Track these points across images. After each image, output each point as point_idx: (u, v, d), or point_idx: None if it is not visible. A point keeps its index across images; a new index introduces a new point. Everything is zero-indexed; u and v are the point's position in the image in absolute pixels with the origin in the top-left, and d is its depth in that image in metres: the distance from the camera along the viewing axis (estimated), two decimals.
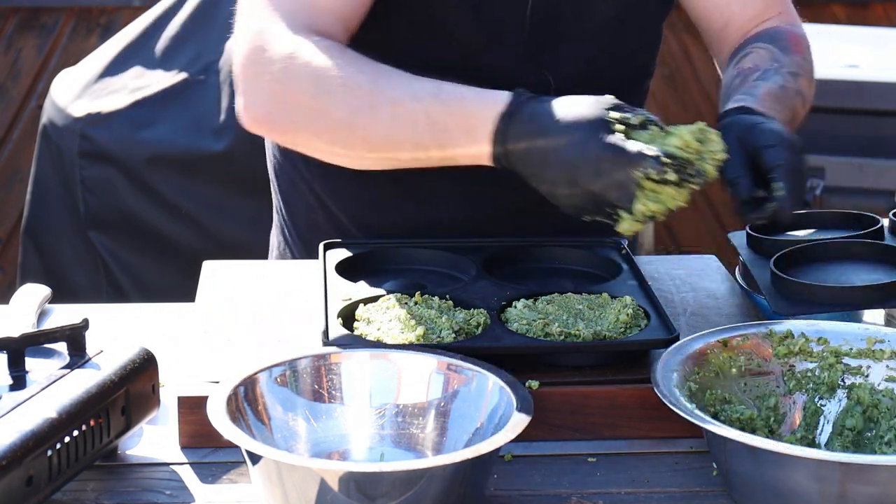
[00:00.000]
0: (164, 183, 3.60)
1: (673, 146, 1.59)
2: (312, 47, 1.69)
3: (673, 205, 1.59)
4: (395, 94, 1.67)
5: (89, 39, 4.58)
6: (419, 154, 1.69)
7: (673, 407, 1.41)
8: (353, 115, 1.68)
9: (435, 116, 1.65)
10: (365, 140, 1.69)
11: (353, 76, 1.67)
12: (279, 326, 1.73)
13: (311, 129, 1.71)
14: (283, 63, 1.69)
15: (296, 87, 1.69)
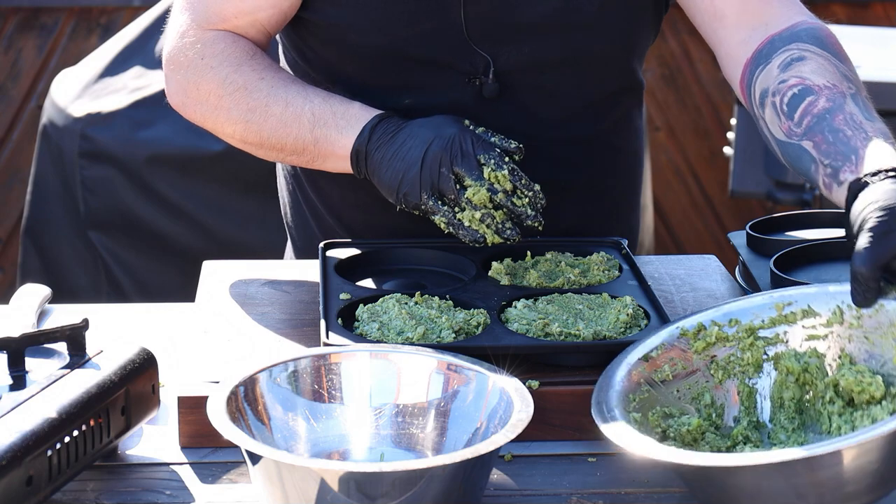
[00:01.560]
0: (164, 183, 3.60)
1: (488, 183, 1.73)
2: (221, 51, 1.89)
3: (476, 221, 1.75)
4: (288, 96, 1.86)
5: (89, 39, 4.58)
6: (298, 149, 1.87)
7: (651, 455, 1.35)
8: (250, 113, 1.87)
9: (318, 114, 1.84)
10: (258, 134, 1.88)
11: (254, 81, 1.88)
12: (279, 326, 1.73)
13: (216, 121, 1.91)
14: (194, 62, 1.90)
15: (204, 86, 1.89)
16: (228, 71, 1.88)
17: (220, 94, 1.88)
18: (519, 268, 1.83)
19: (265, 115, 1.86)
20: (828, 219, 1.94)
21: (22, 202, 4.11)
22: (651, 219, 4.21)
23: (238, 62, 1.88)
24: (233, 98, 1.87)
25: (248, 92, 1.87)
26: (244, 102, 1.87)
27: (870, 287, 1.43)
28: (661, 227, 4.81)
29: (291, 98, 1.85)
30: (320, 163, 1.86)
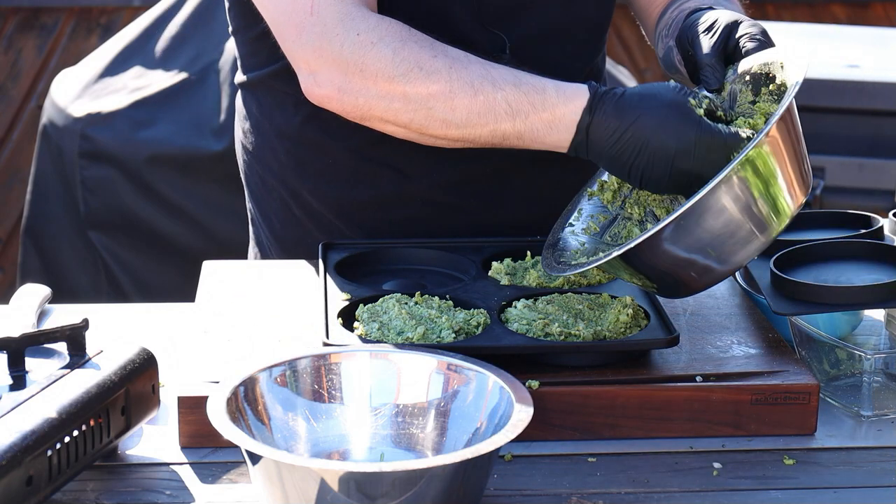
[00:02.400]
0: (164, 183, 3.60)
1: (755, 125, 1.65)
2: (376, 25, 1.71)
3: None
4: (473, 80, 1.69)
5: (89, 39, 4.58)
6: (496, 140, 1.72)
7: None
8: (432, 99, 1.69)
9: (516, 106, 1.68)
10: (445, 123, 1.70)
11: (428, 59, 1.69)
12: (279, 326, 1.73)
13: (388, 109, 1.71)
14: (350, 41, 1.70)
15: (371, 67, 1.69)
16: (396, 46, 1.68)
17: (392, 76, 1.68)
18: (519, 268, 1.83)
19: (451, 102, 1.68)
20: (828, 219, 1.94)
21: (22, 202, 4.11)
22: None
23: (401, 36, 1.70)
24: (407, 80, 1.68)
25: (424, 73, 1.68)
26: (423, 86, 1.68)
27: (717, 69, 1.72)
28: None
29: (478, 82, 1.68)
30: (525, 146, 1.72)
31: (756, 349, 1.67)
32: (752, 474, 1.51)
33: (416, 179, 1.96)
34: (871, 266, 1.76)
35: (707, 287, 1.63)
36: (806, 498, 1.47)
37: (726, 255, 1.58)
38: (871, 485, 1.49)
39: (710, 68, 1.74)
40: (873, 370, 1.63)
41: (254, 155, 2.06)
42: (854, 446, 1.57)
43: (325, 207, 2.00)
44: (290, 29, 1.74)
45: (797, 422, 1.58)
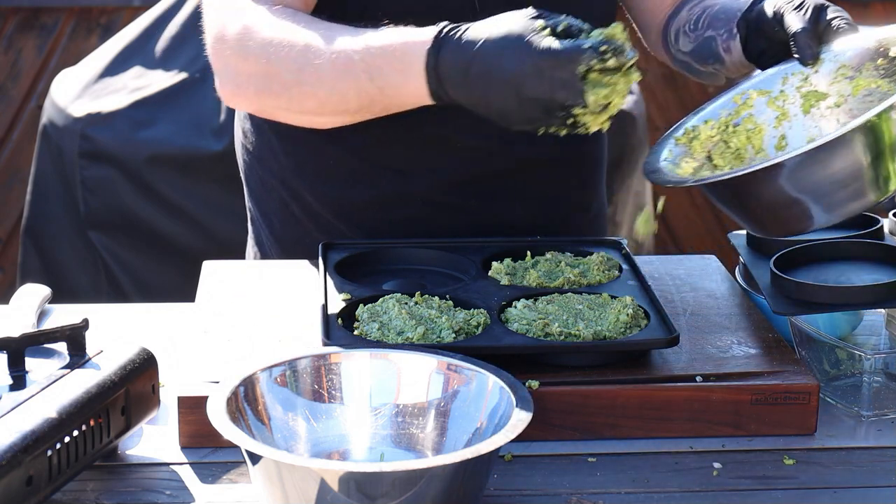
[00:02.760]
0: (164, 183, 3.60)
1: (603, 36, 1.61)
2: (265, 17, 1.75)
3: (623, 90, 1.61)
4: (332, 47, 1.70)
5: (89, 39, 4.58)
6: (365, 102, 1.72)
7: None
8: (300, 73, 1.71)
9: (370, 62, 1.68)
10: (314, 97, 1.73)
11: (294, 38, 1.71)
12: (279, 326, 1.73)
13: (271, 94, 1.76)
14: (238, 37, 1.75)
15: (252, 58, 1.74)
16: (267, 33, 1.73)
17: (268, 59, 1.73)
18: (519, 268, 1.83)
19: (316, 74, 1.71)
20: None
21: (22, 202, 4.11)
22: None
23: (271, 23, 1.74)
24: (279, 60, 1.72)
25: (293, 50, 1.71)
26: (291, 63, 1.71)
27: (812, 42, 1.75)
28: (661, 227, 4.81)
29: (337, 49, 1.70)
30: (397, 108, 1.74)
31: (756, 349, 1.67)
32: (752, 474, 1.51)
33: (416, 180, 1.96)
34: (871, 266, 1.76)
35: (799, 233, 1.65)
36: (806, 498, 1.47)
37: (833, 205, 1.59)
38: (871, 485, 1.49)
39: (806, 41, 1.76)
40: (873, 370, 1.63)
41: (254, 155, 2.07)
42: (854, 446, 1.57)
43: (324, 207, 2.00)
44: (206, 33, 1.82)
45: (797, 422, 1.58)
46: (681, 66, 2.06)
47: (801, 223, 1.62)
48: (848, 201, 1.59)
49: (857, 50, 1.76)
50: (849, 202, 1.59)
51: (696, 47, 1.98)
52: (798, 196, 1.58)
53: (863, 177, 1.58)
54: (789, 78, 1.81)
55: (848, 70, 1.76)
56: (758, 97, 1.82)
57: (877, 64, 1.74)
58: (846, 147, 1.55)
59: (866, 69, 1.76)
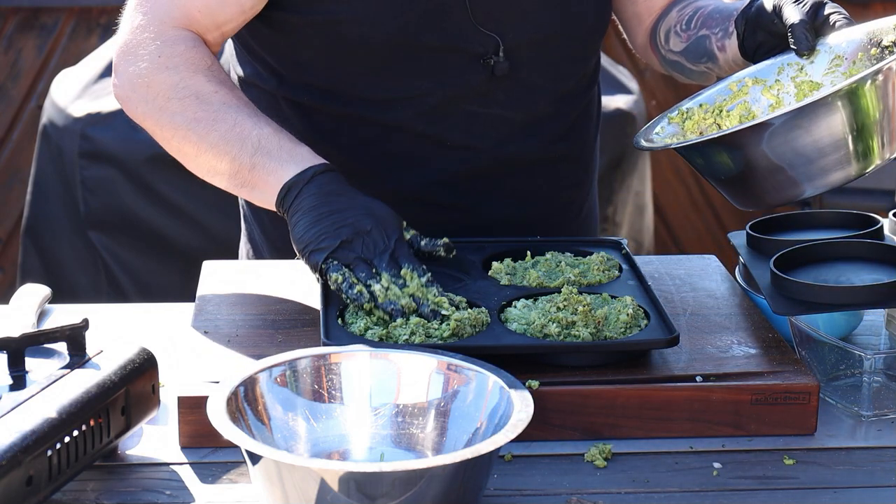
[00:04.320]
0: (164, 183, 3.60)
1: (379, 293, 1.66)
2: (181, 54, 1.85)
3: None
4: (239, 116, 1.81)
5: (89, 39, 4.58)
6: (233, 169, 1.80)
7: None
8: (195, 123, 1.82)
9: (266, 143, 1.78)
10: (196, 145, 1.83)
11: (208, 94, 1.82)
12: (279, 326, 1.73)
13: (158, 122, 1.86)
14: (150, 58, 1.85)
15: (155, 85, 1.85)
16: (184, 75, 1.83)
17: (169, 97, 1.83)
18: (519, 268, 1.83)
19: (210, 128, 1.81)
20: (828, 219, 1.94)
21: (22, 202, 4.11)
22: (651, 219, 4.21)
23: (195, 69, 1.84)
24: (181, 103, 1.83)
25: (198, 101, 1.82)
26: (191, 111, 1.82)
27: (810, 34, 1.80)
28: (661, 227, 4.81)
29: (241, 120, 1.80)
30: (245, 191, 1.81)
31: (756, 349, 1.67)
32: (752, 474, 1.51)
33: (409, 177, 1.97)
34: (871, 266, 1.76)
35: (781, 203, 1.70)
36: (806, 498, 1.47)
37: (813, 174, 1.65)
38: (871, 485, 1.49)
39: (803, 32, 1.80)
40: (873, 370, 1.63)
41: None
42: (854, 446, 1.57)
43: None
44: (120, 30, 1.91)
45: (797, 422, 1.58)
46: (670, 66, 2.08)
47: (782, 192, 1.67)
48: (829, 171, 1.64)
49: (852, 42, 1.79)
50: (830, 172, 1.64)
51: (688, 46, 2.01)
52: (779, 162, 1.63)
53: (844, 146, 1.63)
54: (785, 68, 1.85)
55: (842, 61, 1.79)
56: (753, 85, 1.86)
57: (870, 54, 1.77)
58: (828, 111, 1.60)
59: (859, 59, 1.78)
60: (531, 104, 1.98)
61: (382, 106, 1.93)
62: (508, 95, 1.95)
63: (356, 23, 1.87)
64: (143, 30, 1.87)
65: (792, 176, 1.66)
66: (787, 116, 1.61)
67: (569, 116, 2.04)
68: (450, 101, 1.93)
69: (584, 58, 2.05)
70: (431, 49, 1.89)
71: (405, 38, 1.87)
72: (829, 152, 1.63)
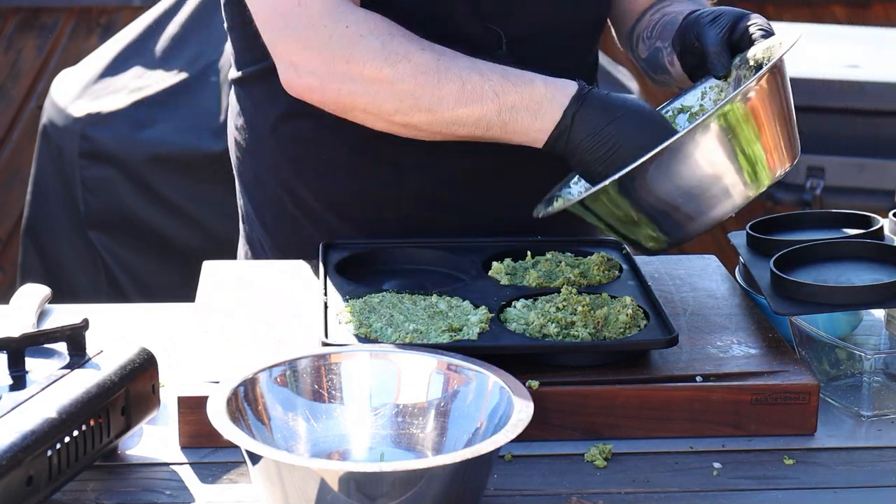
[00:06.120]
0: (164, 183, 3.60)
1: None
2: (364, 18, 1.73)
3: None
4: (461, 71, 1.73)
5: (89, 39, 4.58)
6: (478, 131, 1.75)
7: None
8: (420, 88, 1.72)
9: (503, 95, 1.73)
10: (430, 112, 1.73)
11: (416, 52, 1.72)
12: (279, 326, 1.73)
13: (373, 98, 1.74)
14: (338, 33, 1.72)
15: (359, 57, 1.71)
16: (384, 39, 1.72)
17: (380, 66, 1.71)
18: (519, 268, 1.83)
19: (439, 91, 1.72)
20: (828, 219, 1.94)
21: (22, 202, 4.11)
22: None
23: (389, 31, 1.73)
24: (395, 70, 1.71)
25: (412, 64, 1.71)
26: (411, 76, 1.71)
27: (723, 56, 1.80)
28: None
29: (466, 73, 1.72)
30: (503, 139, 1.77)
31: (756, 349, 1.67)
32: (752, 474, 1.51)
33: (412, 174, 1.97)
34: (871, 266, 1.76)
35: (679, 242, 1.69)
36: (806, 498, 1.47)
37: (703, 208, 1.65)
38: (871, 485, 1.49)
39: (717, 56, 1.81)
40: (873, 370, 1.63)
41: (247, 151, 2.07)
42: (854, 446, 1.57)
43: (319, 203, 2.00)
44: (275, 19, 1.76)
45: (797, 422, 1.58)
46: (643, 71, 2.09)
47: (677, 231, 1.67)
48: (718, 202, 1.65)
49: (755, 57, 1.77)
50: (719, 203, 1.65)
51: (648, 56, 2.02)
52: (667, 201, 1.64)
53: (723, 177, 1.63)
54: (707, 92, 1.86)
55: None
56: (679, 114, 1.88)
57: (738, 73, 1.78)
58: (689, 151, 1.61)
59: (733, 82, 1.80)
60: None
61: None
62: None
63: None
64: (305, 8, 1.73)
65: (686, 212, 1.65)
66: (645, 165, 1.59)
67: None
68: None
69: (585, 50, 2.05)
70: (435, 41, 1.88)
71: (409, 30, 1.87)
72: (712, 183, 1.63)
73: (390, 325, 1.63)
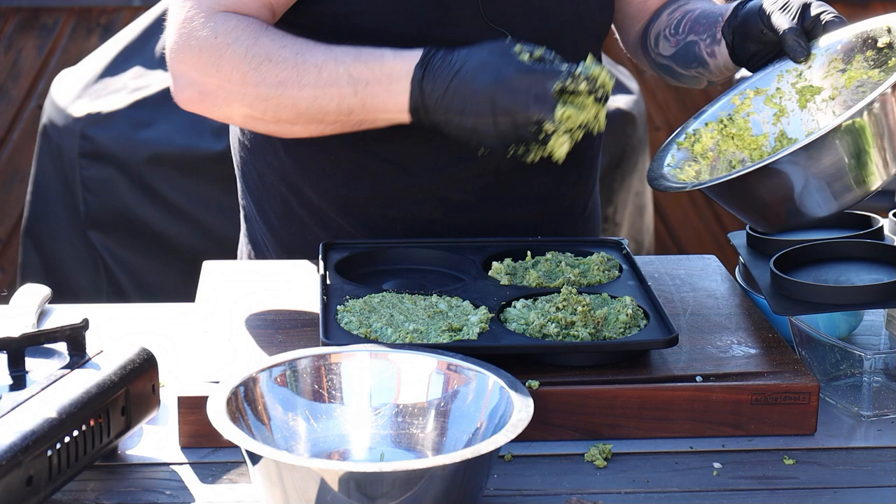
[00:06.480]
0: (164, 183, 3.60)
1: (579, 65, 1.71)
2: (235, 27, 1.79)
3: (591, 115, 1.71)
4: (317, 60, 1.77)
5: (89, 39, 4.58)
6: (343, 116, 1.78)
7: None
8: (282, 85, 1.76)
9: (356, 74, 1.76)
10: (294, 107, 1.78)
11: (277, 50, 1.77)
12: (279, 326, 1.73)
13: (243, 102, 1.79)
14: (208, 44, 1.78)
15: (225, 66, 1.77)
16: (249, 44, 1.77)
17: (245, 71, 1.76)
18: (519, 268, 1.83)
19: (299, 84, 1.76)
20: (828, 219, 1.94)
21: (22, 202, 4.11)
22: (651, 219, 4.21)
23: (255, 34, 1.78)
24: (259, 72, 1.76)
25: (273, 63, 1.76)
26: (273, 75, 1.76)
27: (802, 40, 1.81)
28: (661, 227, 4.81)
29: (321, 62, 1.76)
30: (370, 123, 1.80)
31: (756, 349, 1.67)
32: (752, 474, 1.51)
33: (418, 175, 1.97)
34: (871, 266, 1.76)
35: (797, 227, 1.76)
36: (806, 498, 1.47)
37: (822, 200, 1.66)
38: (871, 485, 1.49)
39: (797, 41, 1.82)
40: (873, 370, 1.63)
41: (252, 151, 2.07)
42: (854, 446, 1.57)
43: (325, 203, 2.00)
44: (169, 34, 1.83)
45: (797, 422, 1.58)
46: (661, 69, 2.09)
47: (795, 217, 1.68)
48: (838, 195, 1.65)
49: (846, 42, 1.80)
50: (842, 194, 1.65)
51: (678, 51, 2.02)
52: (790, 192, 1.63)
53: (858, 166, 1.63)
54: (784, 75, 1.86)
55: (839, 63, 1.80)
56: (755, 96, 1.87)
57: (866, 55, 1.78)
58: (831, 144, 1.61)
59: (857, 61, 1.79)
60: None
61: None
62: None
63: (374, 15, 1.87)
64: (190, 21, 1.80)
65: (804, 202, 1.66)
66: (800, 151, 1.60)
67: None
68: None
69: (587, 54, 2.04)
70: (442, 43, 1.89)
71: (418, 32, 1.87)
72: (838, 177, 1.64)
73: (390, 325, 1.63)
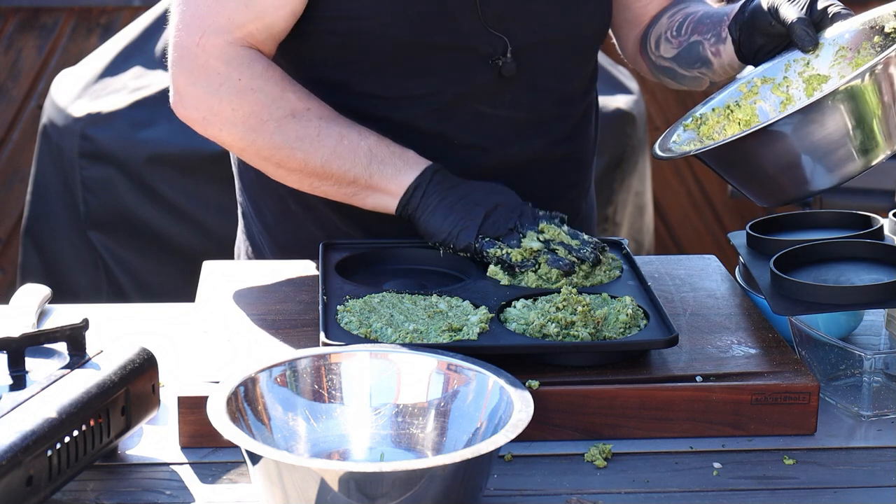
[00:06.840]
0: (164, 183, 3.60)
1: (520, 253, 1.78)
2: (261, 73, 1.85)
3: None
4: (342, 130, 1.86)
5: (89, 39, 4.58)
6: (347, 179, 1.87)
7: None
8: (299, 141, 1.85)
9: (376, 151, 1.86)
10: (303, 163, 1.86)
11: (301, 110, 1.86)
12: (279, 326, 1.73)
13: (253, 143, 1.86)
14: (231, 83, 1.84)
15: (244, 108, 1.84)
16: (274, 95, 1.85)
17: (264, 119, 1.84)
18: None
19: (316, 145, 1.85)
20: (828, 219, 1.94)
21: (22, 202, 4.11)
22: (651, 219, 4.21)
23: (281, 87, 1.86)
24: (279, 124, 1.84)
25: (296, 120, 1.85)
26: (292, 130, 1.85)
27: (811, 29, 1.81)
28: (661, 227, 4.81)
29: (345, 132, 1.86)
30: (362, 197, 1.88)
31: (756, 349, 1.67)
32: (752, 474, 1.51)
33: None
34: (871, 266, 1.76)
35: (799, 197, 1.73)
36: (806, 498, 1.47)
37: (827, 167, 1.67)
38: (871, 485, 1.49)
39: (805, 30, 1.82)
40: (873, 370, 1.63)
41: None
42: (854, 446, 1.57)
43: (322, 202, 2.00)
44: (177, 48, 1.86)
45: (797, 422, 1.58)
46: (661, 72, 2.10)
47: (798, 187, 1.68)
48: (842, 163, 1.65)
49: (854, 31, 1.81)
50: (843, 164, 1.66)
51: (680, 52, 2.03)
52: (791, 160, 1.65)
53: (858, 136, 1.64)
54: (791, 65, 1.86)
55: (846, 51, 1.81)
56: (763, 84, 1.87)
57: (873, 42, 1.79)
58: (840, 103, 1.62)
59: (864, 48, 1.80)
60: (537, 105, 1.99)
61: (391, 103, 1.94)
62: (515, 96, 1.97)
63: (375, 20, 1.88)
64: (202, 49, 1.84)
65: (806, 171, 1.67)
66: (799, 114, 1.61)
67: (571, 118, 2.05)
68: (458, 100, 1.94)
69: (587, 59, 2.07)
70: (441, 48, 1.91)
71: (417, 37, 1.89)
72: (841, 144, 1.64)
73: (390, 325, 1.63)
